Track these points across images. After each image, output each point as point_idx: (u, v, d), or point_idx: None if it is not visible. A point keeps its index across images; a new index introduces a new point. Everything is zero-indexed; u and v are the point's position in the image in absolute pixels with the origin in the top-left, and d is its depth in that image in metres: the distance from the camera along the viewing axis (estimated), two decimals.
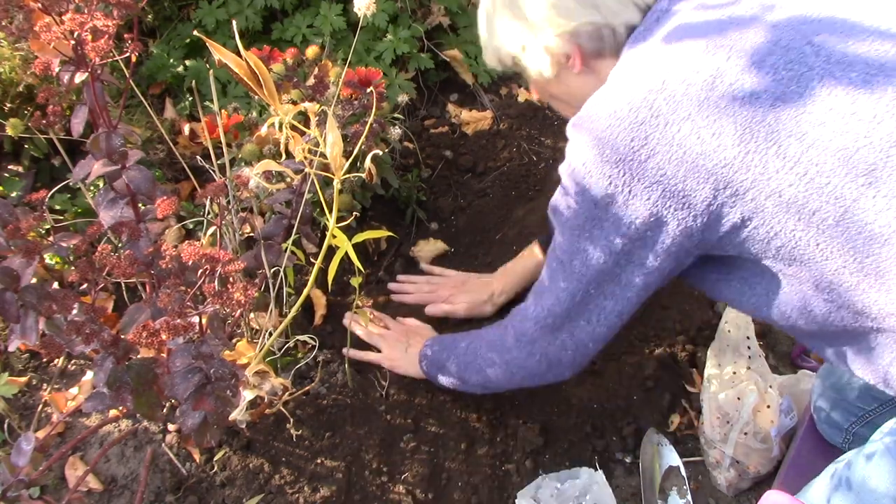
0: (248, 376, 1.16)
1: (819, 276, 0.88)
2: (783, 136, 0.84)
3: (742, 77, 0.85)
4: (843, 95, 0.83)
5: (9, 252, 0.95)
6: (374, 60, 1.86)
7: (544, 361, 1.14)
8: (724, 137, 0.85)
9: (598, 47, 1.03)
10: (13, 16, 0.86)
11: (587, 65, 1.06)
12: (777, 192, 0.85)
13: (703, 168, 0.87)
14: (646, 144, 0.88)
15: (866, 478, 0.90)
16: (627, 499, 1.32)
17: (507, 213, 1.75)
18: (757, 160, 0.84)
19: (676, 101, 0.87)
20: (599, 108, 0.93)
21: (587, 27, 1.01)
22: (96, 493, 1.30)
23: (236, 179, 1.16)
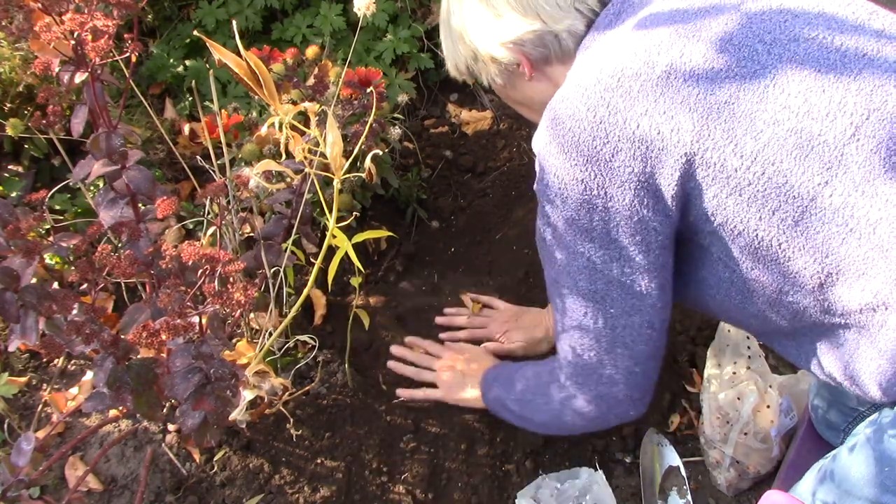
0: (248, 376, 1.16)
1: (783, 275, 0.88)
2: (739, 133, 0.83)
3: (696, 72, 0.85)
4: (798, 93, 0.83)
5: (9, 252, 0.95)
6: (374, 60, 1.86)
7: (602, 403, 1.08)
8: (682, 133, 0.85)
9: (544, 54, 1.03)
10: (13, 16, 0.86)
11: (538, 70, 1.06)
12: (737, 191, 0.85)
13: (666, 163, 0.86)
14: (608, 142, 0.88)
15: (846, 467, 0.91)
16: (627, 499, 1.32)
17: (507, 213, 1.75)
18: (716, 157, 0.84)
19: (632, 97, 0.86)
20: (558, 111, 0.92)
21: (529, 35, 1.00)
22: (96, 493, 1.30)
23: (236, 179, 1.16)
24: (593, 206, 0.91)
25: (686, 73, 0.85)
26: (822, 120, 0.82)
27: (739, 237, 0.88)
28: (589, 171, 0.90)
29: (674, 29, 0.89)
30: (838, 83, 0.83)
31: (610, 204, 0.90)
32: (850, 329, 0.88)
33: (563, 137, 0.91)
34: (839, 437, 1.23)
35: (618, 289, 0.97)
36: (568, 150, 0.90)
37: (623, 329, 1.00)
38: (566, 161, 0.91)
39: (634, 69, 0.87)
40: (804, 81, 0.83)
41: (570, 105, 0.91)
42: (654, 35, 0.89)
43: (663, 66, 0.86)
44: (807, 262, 0.84)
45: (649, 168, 0.87)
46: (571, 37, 1.00)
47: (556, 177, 0.93)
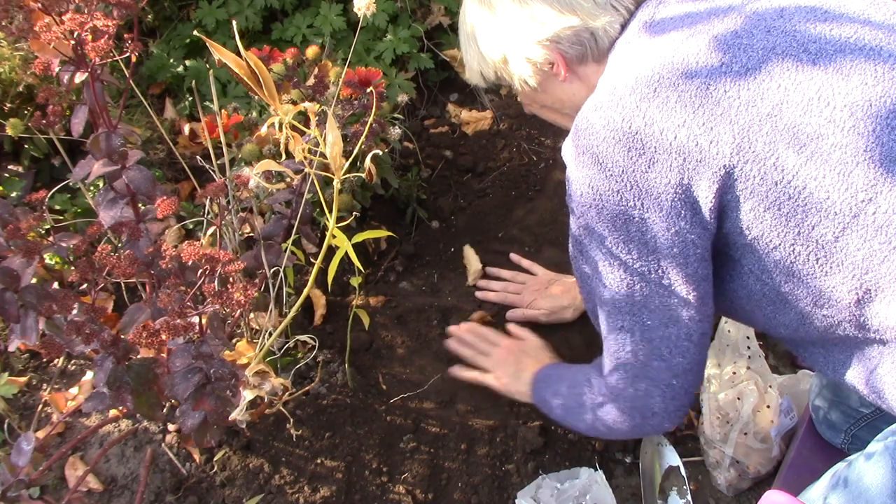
0: (248, 376, 1.16)
1: (818, 290, 0.86)
2: (781, 146, 0.82)
3: (738, 83, 0.84)
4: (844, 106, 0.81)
5: (9, 252, 0.95)
6: (374, 60, 1.86)
7: (636, 414, 1.06)
8: (722, 145, 0.83)
9: (581, 52, 1.01)
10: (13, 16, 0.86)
11: (572, 71, 1.04)
12: (776, 205, 0.83)
13: (704, 175, 0.85)
14: (644, 153, 0.86)
15: (862, 475, 0.90)
16: (627, 499, 1.32)
17: (507, 213, 1.75)
18: (755, 170, 0.83)
19: (670, 107, 0.85)
20: (592, 121, 0.90)
21: (566, 32, 0.99)
22: (96, 493, 1.30)
23: (236, 179, 1.16)
24: (630, 217, 0.90)
25: (727, 83, 0.84)
26: (867, 136, 0.80)
27: (775, 251, 0.86)
28: (625, 181, 0.88)
29: (713, 37, 0.87)
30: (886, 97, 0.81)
31: (647, 215, 0.89)
32: (885, 344, 0.87)
33: (597, 148, 0.89)
34: (840, 438, 1.23)
35: (655, 300, 0.95)
36: (603, 160, 0.89)
37: (660, 341, 0.98)
38: (600, 172, 0.89)
39: (672, 79, 0.86)
40: (850, 95, 0.82)
41: (604, 115, 0.89)
42: (692, 43, 0.88)
43: (703, 76, 0.85)
44: (844, 277, 0.83)
45: (686, 180, 0.86)
46: (607, 35, 0.99)
47: (591, 188, 0.91)
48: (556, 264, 1.65)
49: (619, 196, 0.89)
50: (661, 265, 0.92)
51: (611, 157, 0.88)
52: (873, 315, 0.84)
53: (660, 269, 0.92)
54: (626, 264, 0.93)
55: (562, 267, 1.64)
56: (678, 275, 0.92)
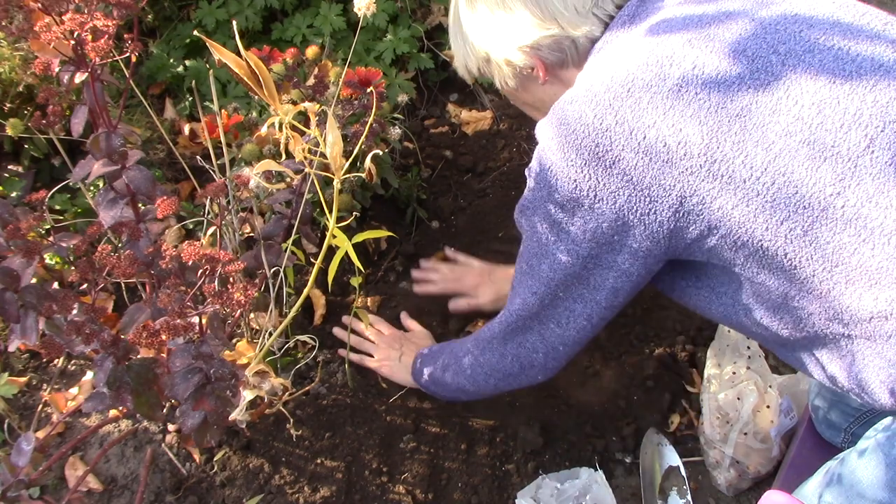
0: (248, 376, 1.16)
1: (788, 284, 0.88)
2: (749, 145, 0.83)
3: (709, 84, 0.85)
4: (812, 104, 0.83)
5: (9, 252, 0.95)
6: (374, 60, 1.86)
7: (516, 363, 1.14)
8: (690, 146, 0.85)
9: (561, 59, 1.03)
10: (13, 16, 0.86)
11: (553, 75, 1.06)
12: (744, 202, 0.84)
13: (668, 175, 0.86)
14: (610, 150, 0.88)
15: (855, 471, 0.90)
16: (627, 499, 1.32)
17: (507, 213, 1.75)
18: (724, 169, 0.84)
19: (642, 108, 0.87)
20: (566, 112, 0.92)
21: (546, 40, 1.01)
22: (96, 493, 1.30)
23: (236, 179, 1.16)
24: (579, 204, 0.93)
25: (698, 85, 0.85)
26: (835, 131, 0.81)
27: (744, 247, 0.87)
28: (584, 173, 0.91)
29: (687, 39, 0.89)
30: (853, 94, 0.83)
31: (597, 206, 0.92)
32: (857, 339, 0.88)
33: (565, 137, 0.91)
34: (840, 437, 1.23)
35: (574, 279, 1.00)
36: (568, 149, 0.91)
37: (564, 311, 1.04)
38: (563, 159, 0.92)
39: (646, 80, 0.87)
40: (819, 93, 0.83)
41: (577, 108, 0.91)
42: (667, 44, 0.89)
43: (675, 78, 0.86)
44: (815, 270, 0.84)
45: (648, 179, 0.87)
46: (588, 41, 1.01)
47: (550, 170, 0.94)
48: None
49: (574, 184, 0.92)
50: (592, 252, 0.96)
51: (576, 149, 0.90)
52: (845, 308, 0.85)
53: (589, 256, 0.96)
54: (561, 242, 0.97)
55: None
56: (605, 265, 0.97)
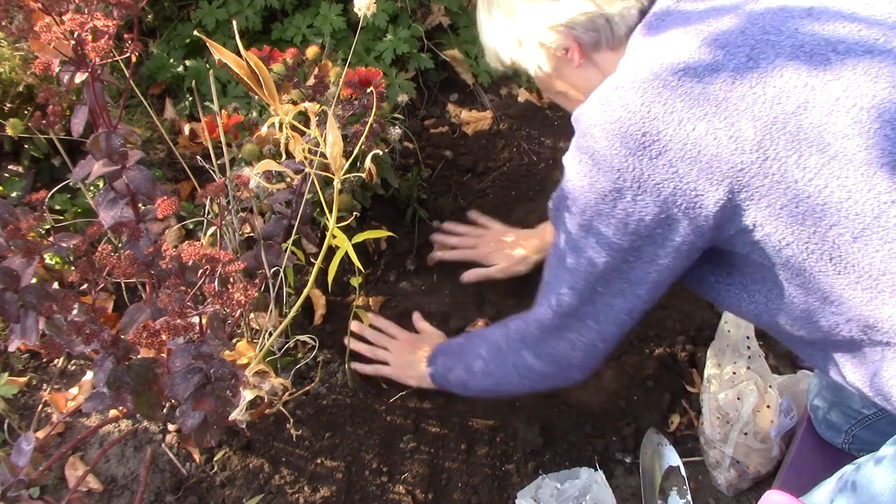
0: (248, 376, 1.16)
1: (829, 289, 0.85)
2: (804, 145, 0.81)
3: (765, 79, 0.83)
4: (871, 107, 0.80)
5: (9, 252, 0.95)
6: (374, 60, 1.86)
7: (553, 363, 1.10)
8: (742, 141, 0.82)
9: (596, 39, 1.00)
10: (13, 16, 0.86)
11: (587, 58, 1.03)
12: (794, 202, 0.82)
13: (717, 170, 0.84)
14: (657, 140, 0.85)
15: (871, 479, 0.89)
16: (627, 499, 1.32)
17: (507, 213, 1.75)
18: (776, 168, 0.82)
19: (693, 98, 0.84)
20: (610, 98, 0.89)
21: (581, 18, 0.98)
22: (96, 493, 1.30)
23: (236, 179, 1.16)
24: (622, 195, 0.89)
25: (753, 79, 0.83)
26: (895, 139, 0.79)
27: (787, 248, 0.86)
28: (629, 163, 0.87)
29: (742, 31, 0.86)
30: None
31: (640, 197, 0.88)
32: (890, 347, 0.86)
33: (610, 124, 0.88)
34: (841, 438, 1.23)
35: (614, 272, 0.96)
36: (612, 138, 0.88)
37: (603, 307, 1.01)
38: (607, 148, 0.89)
39: (698, 70, 0.85)
40: (877, 97, 0.81)
41: (623, 94, 0.88)
42: (721, 35, 0.87)
43: (730, 69, 0.84)
44: (859, 277, 0.82)
45: (695, 173, 0.85)
46: (624, 21, 0.97)
47: (592, 158, 0.91)
48: None
49: (618, 174, 0.88)
50: (633, 245, 0.93)
51: (621, 138, 0.87)
52: (885, 317, 0.83)
53: (630, 249, 0.93)
54: (601, 235, 0.94)
55: None
56: (646, 258, 0.94)
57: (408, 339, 1.43)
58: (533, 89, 2.03)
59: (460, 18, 2.04)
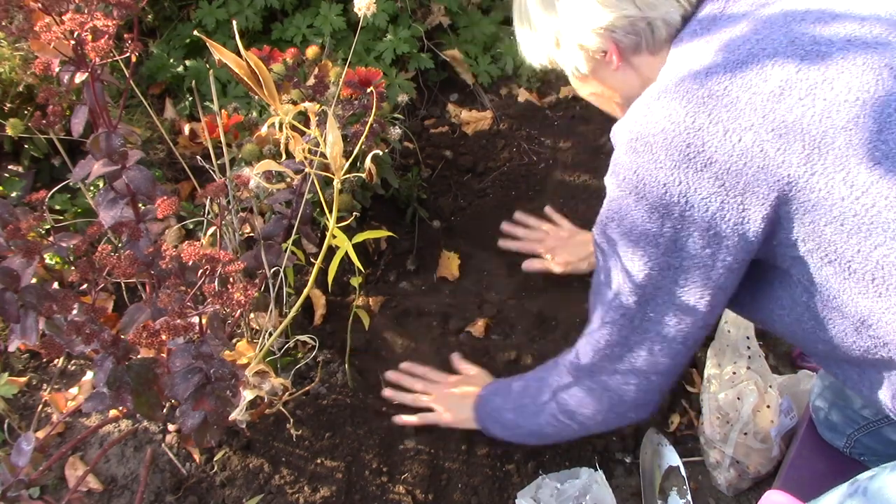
0: (248, 376, 1.16)
1: (867, 311, 0.84)
2: (853, 162, 0.79)
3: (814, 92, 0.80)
4: None
5: (9, 252, 0.95)
6: (374, 60, 1.86)
7: (605, 398, 1.04)
8: (790, 154, 0.80)
9: (635, 42, 0.97)
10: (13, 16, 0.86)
11: (626, 61, 1.00)
12: (839, 220, 0.80)
13: (764, 183, 0.81)
14: (703, 151, 0.83)
15: (885, 487, 0.87)
16: (627, 499, 1.32)
17: (507, 213, 1.75)
18: (822, 183, 0.80)
19: (739, 108, 0.82)
20: (651, 110, 0.87)
21: (622, 21, 0.95)
22: (96, 493, 1.30)
23: (236, 179, 1.16)
24: (669, 211, 0.87)
25: (802, 90, 0.80)
26: None
27: (829, 266, 0.84)
28: (674, 176, 0.85)
29: (790, 39, 0.84)
30: None
31: (688, 213, 0.86)
32: None
33: (653, 137, 0.86)
34: (842, 442, 1.23)
35: (666, 295, 0.93)
36: (656, 150, 0.85)
37: (655, 336, 0.96)
38: (651, 161, 0.86)
39: (745, 79, 0.83)
40: None
41: (667, 105, 0.86)
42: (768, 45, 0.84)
43: (778, 80, 0.81)
44: None
45: (742, 185, 0.82)
46: (666, 26, 0.95)
47: (636, 174, 0.88)
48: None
49: (664, 189, 0.86)
50: (683, 265, 0.90)
51: (665, 150, 0.85)
52: None
53: (681, 268, 0.90)
54: (649, 256, 0.91)
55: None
56: (698, 279, 0.90)
57: (451, 382, 1.37)
58: (533, 89, 2.03)
59: (460, 18, 2.04)
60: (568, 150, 1.87)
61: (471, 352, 1.49)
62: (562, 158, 1.85)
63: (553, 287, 1.60)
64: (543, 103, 1.99)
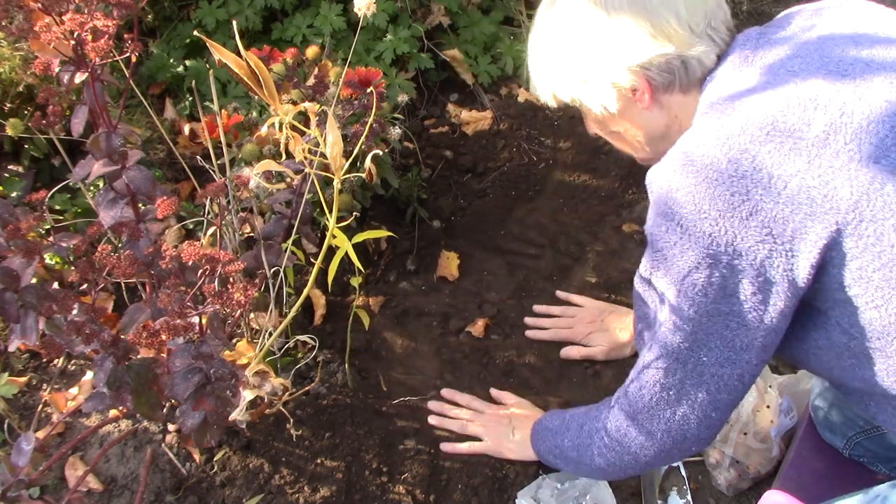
0: (248, 376, 1.16)
1: None
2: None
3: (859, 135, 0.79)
4: None
5: (9, 252, 0.95)
6: (374, 60, 1.86)
7: (667, 438, 1.02)
8: (837, 201, 0.78)
9: (669, 81, 0.95)
10: (13, 16, 0.86)
11: (656, 100, 0.98)
12: (888, 266, 0.79)
13: (811, 230, 0.80)
14: (748, 199, 0.81)
15: None
16: (627, 499, 1.32)
17: (507, 213, 1.75)
18: (871, 230, 0.79)
19: (783, 154, 0.80)
20: (692, 158, 0.84)
21: (658, 59, 0.93)
22: (96, 493, 1.30)
23: (236, 179, 1.16)
24: (717, 261, 0.85)
25: (847, 134, 0.79)
26: None
27: (874, 310, 0.82)
28: (720, 226, 0.83)
29: (831, 80, 0.82)
30: None
31: (736, 262, 0.84)
32: None
33: (695, 185, 0.83)
34: (842, 443, 1.23)
35: (718, 340, 0.91)
36: (699, 200, 0.83)
37: (711, 377, 0.94)
38: (695, 212, 0.84)
39: (788, 124, 0.81)
40: None
41: (708, 153, 0.83)
42: (809, 86, 0.83)
43: (822, 124, 0.80)
44: None
45: (790, 232, 0.81)
46: (700, 65, 0.94)
47: (680, 225, 0.86)
48: (558, 266, 1.65)
49: (710, 239, 0.84)
50: (734, 309, 0.88)
51: (709, 198, 0.83)
52: None
53: (731, 313, 0.88)
54: (698, 305, 0.89)
55: (564, 269, 1.64)
56: (751, 321, 0.88)
57: (495, 412, 1.36)
58: None
59: (460, 18, 2.04)
60: (568, 150, 1.87)
61: (471, 352, 1.49)
62: (562, 158, 1.85)
63: (553, 287, 1.60)
64: (543, 103, 1.99)
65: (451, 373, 1.46)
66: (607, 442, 1.08)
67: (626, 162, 1.82)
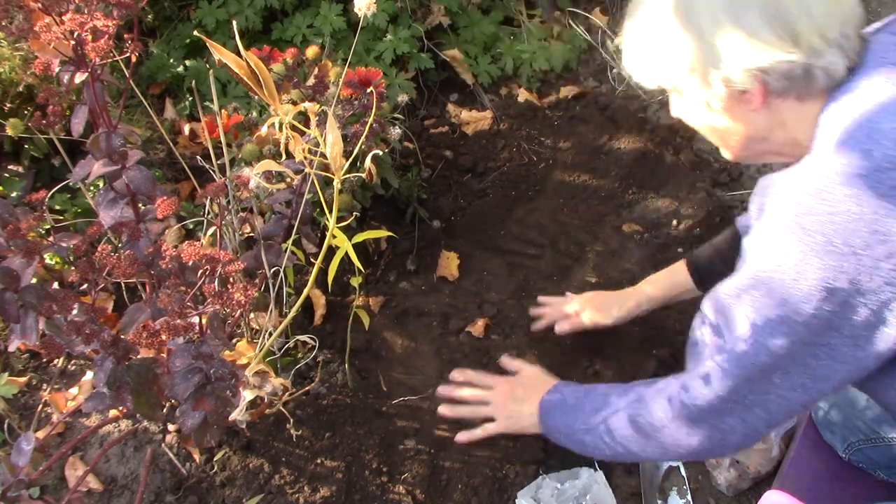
0: (248, 376, 1.16)
1: None
2: None
3: None
4: None
5: (9, 252, 0.95)
6: (374, 60, 1.86)
7: (706, 442, 0.99)
8: None
9: (785, 87, 0.88)
10: (13, 16, 0.86)
11: (767, 104, 0.91)
12: None
13: None
14: (886, 240, 0.76)
15: None
16: (627, 499, 1.32)
17: (507, 213, 1.75)
18: None
19: None
20: (832, 189, 0.79)
21: (783, 65, 0.86)
22: (96, 493, 1.30)
23: (236, 179, 1.16)
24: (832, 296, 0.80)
25: None
26: None
27: None
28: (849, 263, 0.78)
29: None
30: None
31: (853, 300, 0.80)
32: None
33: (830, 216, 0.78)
34: (843, 446, 1.23)
35: (800, 367, 0.87)
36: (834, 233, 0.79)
37: (776, 398, 0.91)
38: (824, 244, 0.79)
39: None
40: None
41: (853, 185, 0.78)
42: None
43: None
44: None
45: None
46: (826, 76, 0.87)
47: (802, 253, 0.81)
48: (558, 266, 1.65)
49: (832, 273, 0.79)
50: (830, 343, 0.84)
51: (844, 234, 0.78)
52: None
53: (826, 347, 0.84)
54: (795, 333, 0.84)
55: (564, 269, 1.64)
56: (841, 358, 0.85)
57: (506, 386, 1.31)
58: (533, 89, 2.03)
59: (460, 18, 2.04)
60: (568, 150, 1.87)
61: (471, 352, 1.49)
62: (562, 158, 1.85)
63: (553, 287, 1.60)
64: (543, 103, 1.99)
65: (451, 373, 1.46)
66: (634, 432, 1.05)
67: (626, 162, 1.82)
